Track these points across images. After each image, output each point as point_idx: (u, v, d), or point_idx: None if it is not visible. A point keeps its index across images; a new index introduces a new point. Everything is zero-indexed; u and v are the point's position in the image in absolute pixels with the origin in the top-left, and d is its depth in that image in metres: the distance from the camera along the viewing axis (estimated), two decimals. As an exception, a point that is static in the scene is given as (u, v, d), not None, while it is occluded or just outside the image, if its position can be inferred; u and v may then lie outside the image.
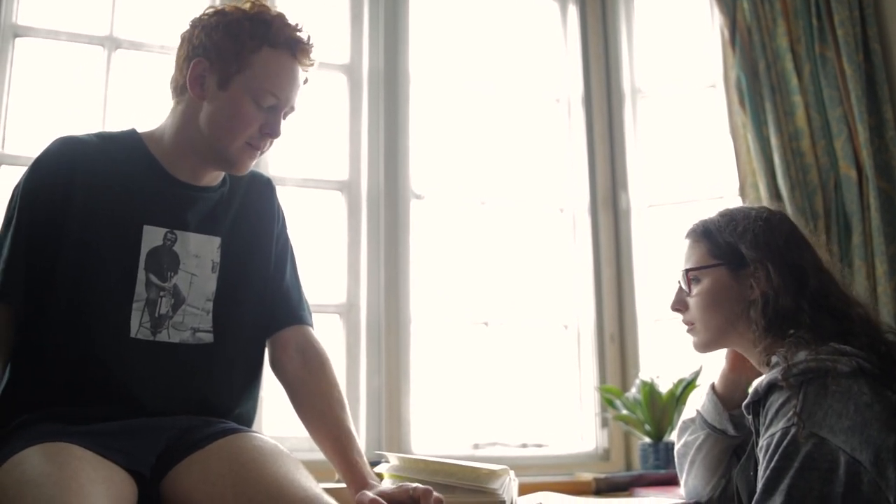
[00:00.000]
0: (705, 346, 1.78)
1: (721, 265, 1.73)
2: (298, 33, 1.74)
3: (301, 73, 1.77)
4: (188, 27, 1.77)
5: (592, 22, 3.47)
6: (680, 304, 1.80)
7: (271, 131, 1.74)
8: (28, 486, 1.33)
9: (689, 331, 1.81)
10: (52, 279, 1.65)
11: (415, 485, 1.60)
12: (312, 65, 1.78)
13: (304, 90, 1.81)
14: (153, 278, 1.71)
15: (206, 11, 1.77)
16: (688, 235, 1.82)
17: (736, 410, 1.78)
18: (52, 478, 1.35)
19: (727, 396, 1.84)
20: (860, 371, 1.50)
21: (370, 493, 1.58)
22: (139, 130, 1.82)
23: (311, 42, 1.76)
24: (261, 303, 1.85)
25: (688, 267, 1.78)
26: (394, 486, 1.63)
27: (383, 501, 1.56)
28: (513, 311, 3.20)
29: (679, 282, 1.81)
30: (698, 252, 1.77)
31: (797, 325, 1.61)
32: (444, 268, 3.18)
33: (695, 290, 1.76)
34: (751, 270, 1.68)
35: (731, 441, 1.84)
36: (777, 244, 1.68)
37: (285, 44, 1.73)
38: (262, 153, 1.78)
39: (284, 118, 1.78)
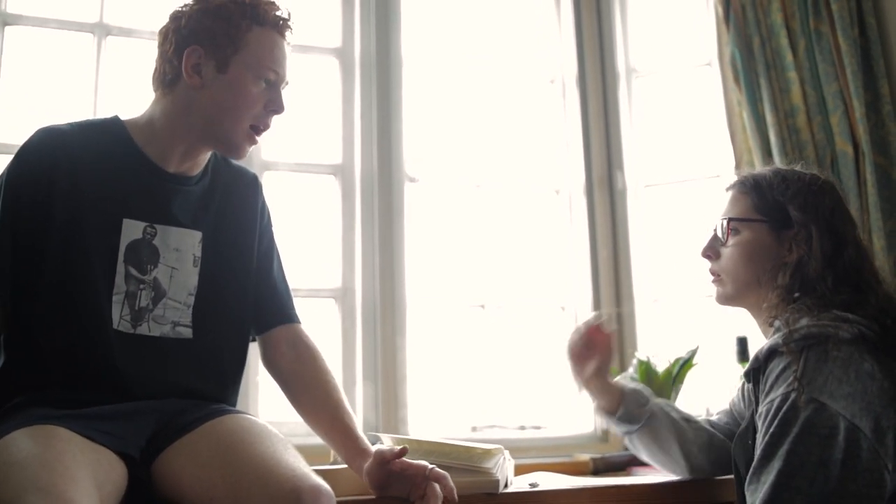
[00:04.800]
0: (728, 298, 1.78)
1: (765, 222, 1.72)
2: (279, 11, 1.79)
3: (288, 49, 1.80)
4: (169, 21, 1.79)
5: (586, 1, 3.44)
6: (711, 251, 1.80)
7: (276, 107, 1.78)
8: (14, 468, 1.34)
9: (714, 281, 1.80)
10: (39, 269, 1.66)
11: (432, 466, 1.62)
12: (292, 41, 1.83)
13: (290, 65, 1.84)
14: (133, 271, 1.71)
15: (186, 3, 1.78)
16: (733, 186, 1.81)
17: (619, 411, 1.87)
18: (37, 459, 1.35)
19: (605, 407, 1.88)
20: (861, 338, 1.49)
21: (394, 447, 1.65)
22: (123, 118, 1.81)
23: (290, 19, 1.80)
24: (243, 300, 1.85)
25: (731, 216, 1.76)
26: (412, 461, 1.64)
27: (403, 456, 1.63)
28: (509, 293, 3.18)
29: (715, 229, 1.79)
30: (743, 204, 1.76)
31: (811, 292, 1.60)
32: (440, 251, 3.16)
33: (731, 241, 1.75)
34: (793, 233, 1.67)
35: (647, 427, 1.87)
36: (825, 212, 1.68)
37: (272, 22, 1.78)
38: (264, 131, 1.80)
39: None
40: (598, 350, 1.91)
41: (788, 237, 1.68)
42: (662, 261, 3.22)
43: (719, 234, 1.78)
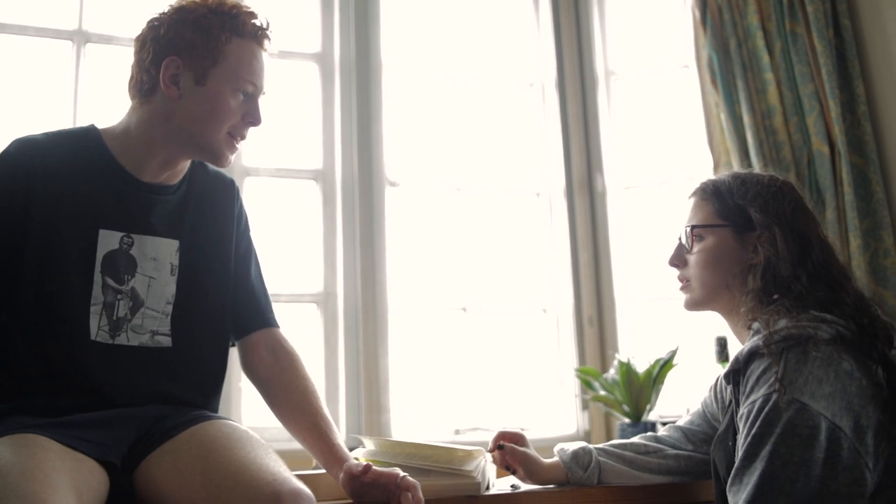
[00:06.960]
0: (697, 304, 1.79)
1: (727, 226, 1.73)
2: (258, 21, 1.77)
3: (266, 59, 1.79)
4: (146, 28, 1.75)
5: (564, 5, 3.46)
6: (678, 260, 1.81)
7: (253, 119, 1.76)
8: None
9: (682, 288, 1.81)
10: (16, 280, 1.65)
11: (403, 474, 1.62)
12: (271, 50, 1.81)
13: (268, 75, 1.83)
14: (110, 281, 1.70)
15: (164, 11, 1.75)
16: (695, 193, 1.83)
17: (569, 481, 1.89)
18: (16, 468, 1.35)
19: (555, 482, 1.92)
20: (840, 338, 1.51)
21: (361, 463, 1.63)
22: (99, 126, 1.80)
23: (270, 28, 1.78)
24: (221, 306, 1.85)
25: (694, 223, 1.78)
26: (384, 469, 1.64)
27: (374, 468, 1.61)
28: (491, 296, 3.20)
29: (680, 237, 1.81)
30: (705, 210, 1.78)
31: (788, 293, 1.62)
32: (421, 255, 3.17)
33: (696, 248, 1.76)
34: (756, 235, 1.68)
35: (605, 478, 1.89)
36: (785, 212, 1.69)
37: (251, 33, 1.75)
38: (241, 141, 1.79)
39: None
40: (513, 444, 1.94)
41: (752, 239, 1.70)
42: (642, 262, 3.24)
43: (684, 241, 1.80)
